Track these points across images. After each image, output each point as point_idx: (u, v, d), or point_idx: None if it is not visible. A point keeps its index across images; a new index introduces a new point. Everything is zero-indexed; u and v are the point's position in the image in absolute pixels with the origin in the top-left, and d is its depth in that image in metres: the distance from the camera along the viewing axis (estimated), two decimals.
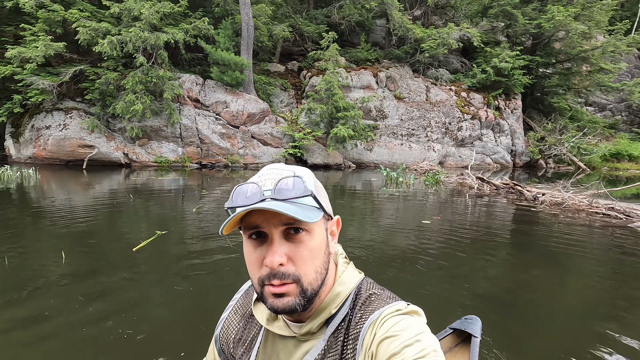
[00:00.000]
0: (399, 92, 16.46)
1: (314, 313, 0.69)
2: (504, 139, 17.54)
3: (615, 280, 3.38)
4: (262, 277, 0.63)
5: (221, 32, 13.87)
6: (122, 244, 3.96)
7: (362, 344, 0.63)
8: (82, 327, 2.19)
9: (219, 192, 8.00)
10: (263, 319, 0.75)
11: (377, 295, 0.69)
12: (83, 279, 2.97)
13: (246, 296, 0.85)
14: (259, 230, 0.63)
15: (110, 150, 13.03)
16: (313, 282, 0.64)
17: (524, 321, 2.55)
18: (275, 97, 16.14)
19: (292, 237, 0.63)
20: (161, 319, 2.37)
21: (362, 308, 0.67)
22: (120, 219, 5.30)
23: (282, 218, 0.61)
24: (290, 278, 0.62)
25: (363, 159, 15.82)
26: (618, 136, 21.03)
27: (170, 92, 12.70)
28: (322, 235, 0.67)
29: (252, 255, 0.65)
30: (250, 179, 0.67)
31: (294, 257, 0.62)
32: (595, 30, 16.94)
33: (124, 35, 11.88)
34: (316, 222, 0.65)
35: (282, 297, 0.62)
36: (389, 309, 0.65)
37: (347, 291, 0.70)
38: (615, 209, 5.93)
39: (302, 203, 0.63)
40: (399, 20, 15.35)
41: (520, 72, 16.58)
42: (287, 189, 0.63)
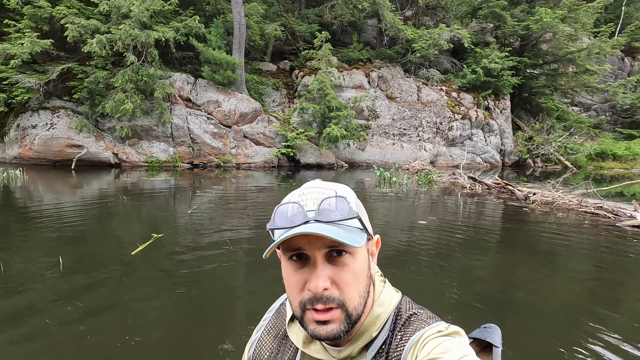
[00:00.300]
0: (390, 92, 16.57)
1: (354, 336, 0.67)
2: (494, 139, 17.83)
3: (602, 279, 3.49)
4: (303, 300, 0.61)
5: (212, 30, 13.74)
6: (119, 248, 3.91)
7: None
8: (87, 336, 2.16)
9: (213, 193, 7.94)
10: (299, 341, 0.72)
11: (417, 316, 0.68)
12: (82, 285, 2.92)
13: (278, 315, 0.82)
14: (300, 252, 0.61)
15: (99, 150, 12.79)
16: (357, 306, 0.62)
17: (517, 317, 2.62)
18: (267, 96, 16.08)
19: (335, 260, 0.61)
20: (166, 324, 2.36)
21: (402, 329, 0.66)
22: (115, 221, 5.22)
23: (326, 241, 0.59)
24: (335, 302, 0.60)
25: (355, 158, 15.88)
26: (602, 136, 21.58)
27: (161, 91, 12.53)
28: (365, 257, 0.65)
29: (292, 277, 0.63)
30: (290, 198, 0.65)
31: (337, 281, 0.60)
32: (581, 32, 17.33)
33: (113, 33, 11.67)
34: (359, 244, 0.62)
35: (326, 325, 0.60)
36: (429, 330, 0.63)
37: (387, 312, 0.68)
38: (604, 208, 6.09)
39: (347, 225, 0.61)
40: (390, 20, 15.43)
41: (509, 73, 16.87)
42: (330, 209, 0.61)
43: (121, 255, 3.65)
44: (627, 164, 19.07)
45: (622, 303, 2.99)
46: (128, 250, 3.73)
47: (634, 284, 3.43)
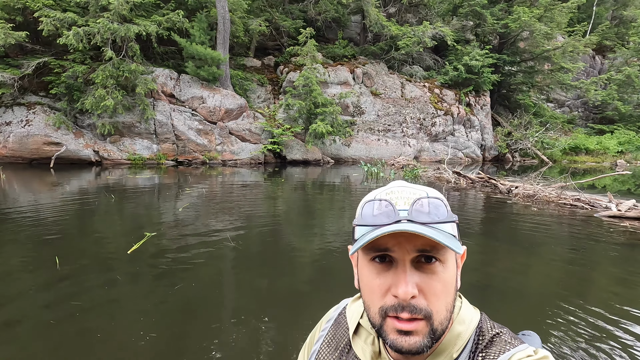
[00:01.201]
0: (375, 89, 16.75)
1: (432, 356, 0.61)
2: (475, 134, 18.33)
3: (579, 264, 3.72)
4: (385, 307, 0.56)
5: (196, 25, 13.49)
6: (114, 247, 3.86)
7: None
8: (97, 334, 2.16)
9: (203, 190, 7.87)
10: (366, 355, 0.67)
11: (500, 336, 0.62)
12: (81, 284, 2.90)
13: (337, 326, 0.76)
14: (385, 254, 0.57)
15: (79, 147, 12.38)
16: (444, 321, 0.57)
17: (498, 299, 2.78)
18: (252, 92, 15.95)
19: (423, 267, 0.57)
20: (168, 319, 2.38)
21: (485, 350, 0.60)
22: (106, 220, 5.13)
23: (417, 243, 0.55)
24: (421, 314, 0.55)
25: (341, 154, 16.01)
26: (575, 131, 22.54)
27: (143, 86, 12.22)
28: (454, 267, 0.61)
29: (374, 281, 0.58)
30: (377, 195, 0.62)
31: (426, 290, 0.56)
32: (556, 31, 18.00)
33: (91, 26, 11.28)
34: (450, 253, 0.59)
35: (409, 336, 0.55)
36: (518, 353, 0.57)
37: (468, 332, 0.63)
38: (581, 200, 6.43)
39: (442, 230, 0.56)
40: (375, 16, 15.56)
41: (489, 70, 17.35)
42: (424, 211, 0.57)
43: (117, 254, 3.61)
44: (599, 158, 20.02)
45: (596, 285, 3.21)
46: (123, 248, 3.70)
47: (607, 269, 3.67)
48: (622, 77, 21.41)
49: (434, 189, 0.65)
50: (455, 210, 6.27)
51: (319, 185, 9.30)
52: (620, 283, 3.29)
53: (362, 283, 0.62)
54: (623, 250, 4.21)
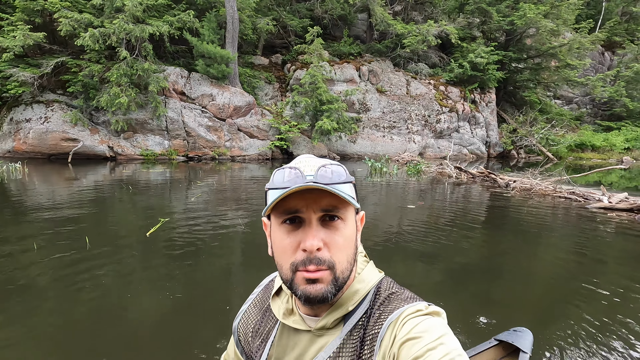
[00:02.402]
0: (380, 86, 17.00)
1: (331, 308, 0.69)
2: (479, 131, 18.46)
3: (571, 251, 4.01)
4: (295, 262, 0.63)
5: (205, 25, 13.90)
6: (136, 230, 4.27)
7: (380, 345, 0.62)
8: (128, 294, 2.56)
9: (213, 182, 8.28)
10: (279, 312, 0.75)
11: (397, 295, 0.69)
12: (110, 260, 3.30)
13: (266, 290, 0.85)
14: (294, 216, 0.64)
15: (94, 143, 12.93)
16: (345, 270, 0.65)
17: (499, 280, 3.11)
18: (260, 90, 16.33)
19: (328, 224, 0.64)
20: (191, 285, 2.76)
21: (381, 307, 0.67)
22: (125, 208, 5.56)
23: (322, 203, 0.63)
24: (325, 264, 0.62)
25: (347, 150, 16.32)
26: (583, 128, 22.46)
27: (155, 85, 12.69)
28: (354, 225, 0.68)
29: (285, 240, 0.65)
30: (287, 165, 0.68)
31: (329, 243, 0.63)
32: (562, 27, 17.98)
33: (107, 27, 11.76)
34: (350, 212, 0.67)
35: (315, 284, 0.62)
36: (409, 309, 0.64)
37: (366, 289, 0.70)
38: (576, 193, 6.67)
39: (342, 191, 0.63)
40: (380, 15, 15.79)
41: (494, 67, 17.45)
42: (327, 175, 0.64)
43: (138, 235, 4.02)
44: (605, 155, 19.98)
45: (585, 268, 3.51)
46: (143, 231, 4.10)
47: (595, 254, 3.96)
48: (631, 74, 21.25)
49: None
50: (456, 202, 6.57)
51: None
52: (601, 261, 3.59)
53: (275, 245, 0.68)
54: (610, 237, 4.49)
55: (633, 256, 3.87)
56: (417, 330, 0.58)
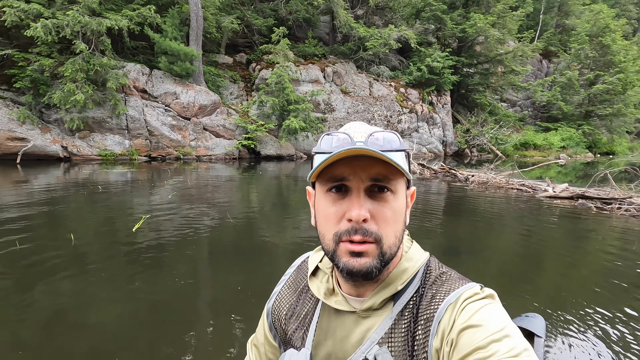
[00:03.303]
0: (345, 87, 17.50)
1: (378, 287, 0.66)
2: (437, 131, 19.64)
3: (523, 232, 4.59)
4: (339, 232, 0.60)
5: (168, 21, 13.50)
6: (120, 226, 4.22)
7: (438, 326, 0.59)
8: (136, 282, 2.62)
9: (182, 182, 8.16)
10: (320, 292, 0.71)
11: (448, 274, 0.66)
12: (99, 256, 3.29)
13: (299, 271, 0.81)
14: (340, 184, 0.60)
15: (46, 143, 12.05)
16: (392, 246, 0.61)
17: (460, 258, 3.53)
18: (225, 89, 16.13)
19: (376, 195, 0.60)
20: (185, 270, 2.87)
21: (434, 287, 0.64)
22: (101, 207, 5.38)
23: (372, 172, 0.59)
24: (372, 236, 0.59)
25: (313, 150, 16.58)
26: (525, 128, 24.65)
27: (114, 81, 12.10)
28: (404, 199, 0.65)
29: (329, 209, 0.61)
30: (337, 131, 0.65)
31: (377, 215, 0.60)
32: (507, 36, 19.69)
33: (60, 19, 11.05)
34: (401, 185, 0.63)
35: (360, 257, 0.59)
36: (467, 291, 0.61)
37: (415, 268, 0.67)
38: (526, 185, 7.48)
39: (394, 159, 0.58)
40: (344, 18, 16.28)
41: (449, 71, 18.66)
42: (379, 142, 0.61)
43: (124, 231, 3.98)
44: (545, 152, 22.12)
45: (533, 245, 4.06)
46: (127, 228, 4.07)
47: (542, 234, 4.57)
48: (565, 80, 23.72)
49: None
50: (422, 195, 7.09)
51: (299, 180, 9.84)
52: (551, 238, 4.17)
53: (319, 214, 0.65)
54: (556, 220, 5.16)
55: (572, 231, 4.53)
56: (479, 317, 0.56)
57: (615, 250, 3.83)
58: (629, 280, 2.99)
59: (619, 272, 3.17)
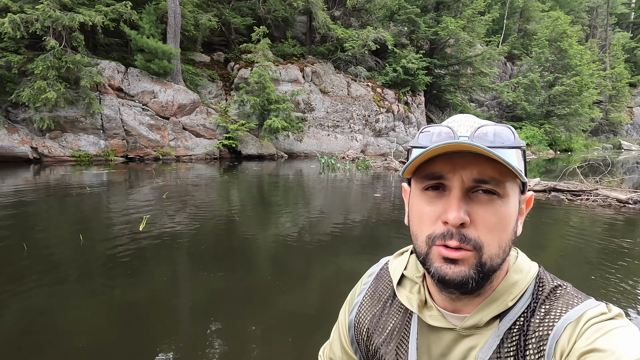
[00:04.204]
0: (323, 87, 17.75)
1: (484, 303, 0.58)
2: (412, 130, 20.32)
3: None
4: (433, 235, 0.54)
5: (144, 17, 13.15)
6: (127, 226, 4.21)
7: (555, 347, 0.51)
8: (128, 288, 2.70)
9: (177, 182, 8.07)
10: (413, 305, 0.64)
11: (565, 289, 0.58)
12: (111, 255, 3.32)
13: (379, 280, 0.75)
14: (438, 183, 0.54)
15: (13, 144, 11.41)
16: (494, 257, 0.53)
17: None
18: (203, 88, 15.90)
19: (480, 198, 0.53)
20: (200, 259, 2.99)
21: (547, 302, 0.56)
22: (98, 208, 5.29)
23: (475, 171, 0.52)
24: (470, 243, 0.52)
25: (294, 149, 16.73)
26: None
27: (88, 79, 11.65)
28: (516, 206, 0.56)
29: (424, 209, 0.56)
30: (440, 124, 0.58)
31: (479, 221, 0.52)
32: (476, 40, 20.71)
33: (30, 13, 10.52)
34: (512, 188, 0.54)
35: (455, 264, 0.53)
36: (591, 310, 0.52)
37: (526, 280, 0.59)
38: None
39: (505, 157, 0.50)
40: (322, 19, 16.51)
41: (423, 72, 19.38)
42: (487, 138, 0.53)
43: (133, 231, 3.99)
44: None
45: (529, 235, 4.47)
46: (131, 227, 4.08)
47: (532, 224, 5.01)
48: (527, 82, 25.22)
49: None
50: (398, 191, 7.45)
51: (284, 178, 9.96)
52: (531, 231, 4.60)
53: (412, 213, 0.59)
54: (533, 210, 5.64)
55: (545, 221, 5.00)
56: (607, 341, 0.47)
57: (580, 232, 4.31)
58: (597, 255, 3.42)
59: (588, 249, 3.60)
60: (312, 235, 4.10)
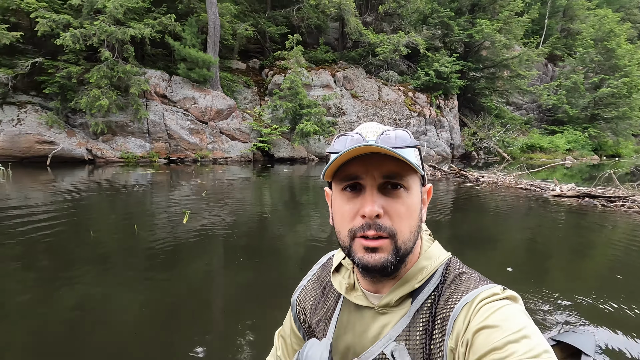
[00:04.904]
0: (354, 91, 18.00)
1: (395, 285, 0.66)
2: (444, 134, 20.05)
3: (532, 227, 5.01)
4: (354, 228, 0.62)
5: (187, 29, 14.10)
6: (173, 219, 4.71)
7: (452, 326, 0.58)
8: (176, 277, 3.09)
9: (215, 181, 8.66)
10: (342, 288, 0.73)
11: (468, 275, 0.65)
12: (165, 243, 3.78)
13: (324, 268, 0.84)
14: (355, 183, 0.62)
15: (72, 146, 12.64)
16: (407, 241, 0.62)
17: (474, 248, 3.96)
18: (239, 93, 16.69)
19: (390, 192, 0.62)
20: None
21: (452, 286, 0.63)
22: (150, 202, 5.89)
23: (384, 169, 0.60)
24: (386, 231, 0.60)
25: (324, 152, 17.04)
26: (531, 131, 24.97)
27: (137, 87, 12.69)
28: (418, 196, 0.66)
29: (344, 207, 0.63)
30: (351, 131, 0.66)
31: (390, 211, 0.61)
32: (513, 42, 20.11)
33: (88, 28, 11.67)
34: (414, 181, 0.64)
35: (375, 252, 0.60)
36: (485, 291, 0.59)
37: (433, 266, 0.67)
38: (534, 185, 7.89)
39: (405, 156, 0.59)
40: (354, 25, 16.81)
41: (456, 76, 19.10)
42: (390, 140, 0.62)
43: (175, 222, 4.47)
44: (551, 155, 22.43)
45: (541, 238, 4.49)
46: (177, 220, 4.56)
47: (550, 229, 4.99)
48: (570, 84, 24.03)
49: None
50: (434, 195, 7.52)
51: (316, 180, 10.31)
52: (557, 230, 4.60)
53: (335, 212, 0.67)
54: (562, 215, 5.58)
55: (579, 225, 4.94)
56: (495, 318, 0.54)
57: (621, 241, 4.26)
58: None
59: (624, 261, 3.59)
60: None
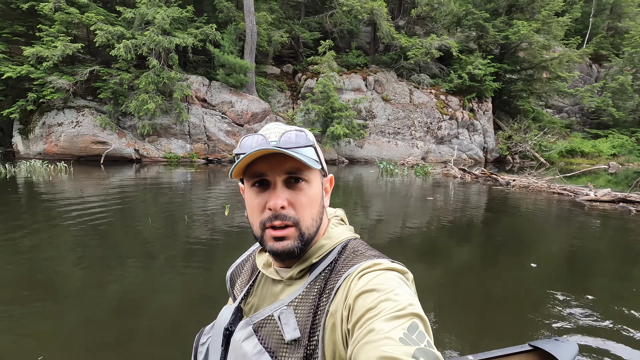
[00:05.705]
0: (385, 95, 18.16)
1: (299, 261, 0.74)
2: (477, 137, 19.69)
3: (565, 233, 5.06)
4: (263, 220, 0.69)
5: (226, 37, 14.95)
6: (216, 212, 5.24)
7: (335, 294, 0.66)
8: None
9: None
10: (260, 264, 0.81)
11: (361, 252, 0.72)
12: (213, 230, 4.27)
13: (256, 250, 0.91)
14: (262, 179, 0.69)
15: (122, 146, 13.80)
16: (310, 227, 0.70)
17: (505, 250, 4.13)
18: (273, 97, 17.38)
19: (292, 186, 0.69)
20: None
21: (345, 262, 0.71)
22: (194, 197, 6.50)
23: (286, 167, 0.68)
24: (290, 220, 0.68)
25: (355, 155, 17.38)
26: (572, 135, 23.84)
27: (180, 92, 13.66)
28: (319, 187, 0.74)
29: (254, 201, 0.70)
30: (256, 133, 0.73)
31: (294, 202, 0.69)
32: (553, 42, 19.40)
33: (139, 39, 12.74)
34: (314, 175, 0.72)
35: (282, 241, 0.68)
36: (367, 263, 0.66)
37: (331, 244, 0.75)
38: (567, 189, 7.77)
39: (304, 154, 0.68)
40: (386, 29, 17.01)
41: (490, 78, 18.73)
42: (290, 140, 0.69)
43: (218, 215, 4.98)
44: (593, 160, 21.31)
45: (571, 242, 4.56)
46: (219, 213, 5.07)
47: (585, 234, 5.02)
48: (616, 85, 22.74)
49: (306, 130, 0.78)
50: (465, 198, 7.62)
51: (349, 181, 10.66)
52: (590, 236, 4.64)
53: (247, 206, 0.74)
54: (595, 219, 5.56)
55: (613, 229, 4.93)
56: (373, 283, 0.60)
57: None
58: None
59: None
60: (370, 239, 4.69)
